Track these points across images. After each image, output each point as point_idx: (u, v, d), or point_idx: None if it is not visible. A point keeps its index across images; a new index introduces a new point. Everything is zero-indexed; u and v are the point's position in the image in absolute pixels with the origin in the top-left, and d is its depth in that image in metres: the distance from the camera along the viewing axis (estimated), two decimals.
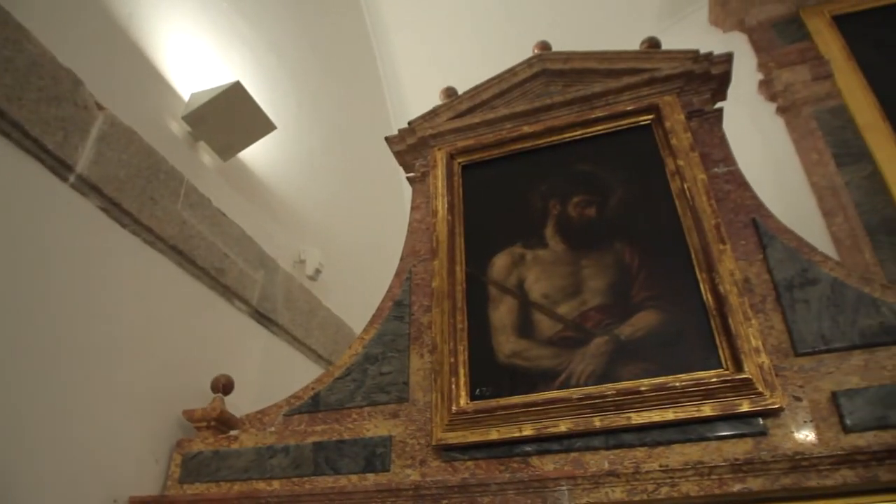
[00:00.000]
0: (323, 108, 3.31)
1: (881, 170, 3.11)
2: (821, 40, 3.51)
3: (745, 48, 3.75)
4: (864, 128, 3.23)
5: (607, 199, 1.80)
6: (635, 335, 1.59)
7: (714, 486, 1.40)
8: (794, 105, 3.43)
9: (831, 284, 1.59)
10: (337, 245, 3.04)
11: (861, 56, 3.38)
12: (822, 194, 3.26)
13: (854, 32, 3.46)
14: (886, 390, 1.44)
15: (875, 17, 3.50)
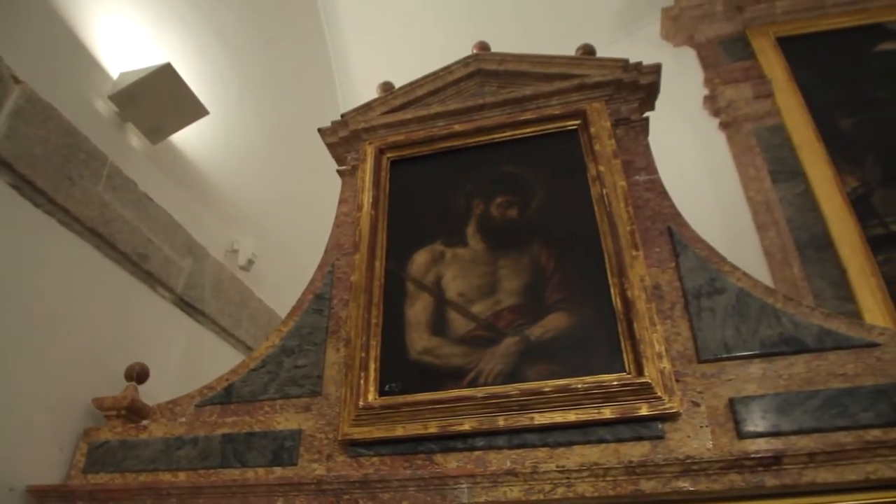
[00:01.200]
0: (268, 98, 3.26)
1: (813, 188, 3.22)
2: (764, 60, 3.61)
3: (694, 63, 3.84)
4: (800, 147, 3.34)
5: (529, 201, 1.81)
6: (545, 336, 1.60)
7: (608, 487, 1.41)
8: (736, 121, 3.52)
9: (737, 294, 1.63)
10: (273, 236, 2.99)
11: (801, 77, 3.49)
12: (757, 209, 3.34)
13: (796, 54, 3.57)
14: (781, 398, 1.48)
15: (817, 41, 3.62)
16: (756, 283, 1.63)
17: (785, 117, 3.43)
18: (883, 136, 3.28)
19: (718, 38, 3.77)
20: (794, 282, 3.09)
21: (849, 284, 2.95)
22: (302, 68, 3.77)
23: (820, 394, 1.47)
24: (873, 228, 3.05)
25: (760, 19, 3.71)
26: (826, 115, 3.38)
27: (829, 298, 2.99)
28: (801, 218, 3.21)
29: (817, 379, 1.49)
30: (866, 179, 3.21)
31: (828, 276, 3.03)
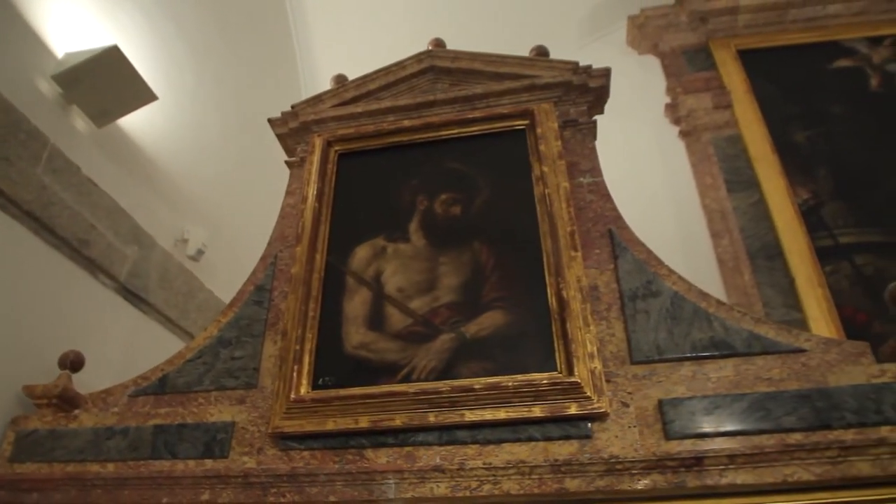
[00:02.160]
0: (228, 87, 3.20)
1: (766, 198, 3.28)
2: (725, 71, 3.67)
3: (658, 71, 3.89)
4: (755, 158, 3.40)
5: (473, 199, 1.81)
6: (480, 334, 1.60)
7: (534, 485, 1.42)
8: (696, 130, 3.57)
9: (671, 298, 1.65)
10: (226, 227, 2.95)
11: (759, 90, 3.56)
12: (711, 216, 3.40)
13: (756, 67, 3.64)
14: (708, 401, 1.50)
15: (776, 55, 3.69)
16: (690, 287, 1.66)
17: (742, 128, 3.49)
18: (835, 150, 3.37)
19: (682, 47, 3.82)
20: (744, 289, 3.15)
21: (796, 293, 3.01)
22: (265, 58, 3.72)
23: (746, 397, 1.49)
24: (822, 240, 3.12)
25: (723, 31, 3.78)
26: (782, 127, 3.45)
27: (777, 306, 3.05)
28: (753, 227, 3.26)
29: (744, 383, 1.52)
30: (817, 192, 3.28)
31: (777, 285, 3.09)
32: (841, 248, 3.16)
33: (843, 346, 1.56)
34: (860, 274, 3.04)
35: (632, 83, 3.92)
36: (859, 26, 3.69)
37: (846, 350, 1.55)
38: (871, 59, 3.61)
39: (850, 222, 3.19)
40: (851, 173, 3.28)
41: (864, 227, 3.16)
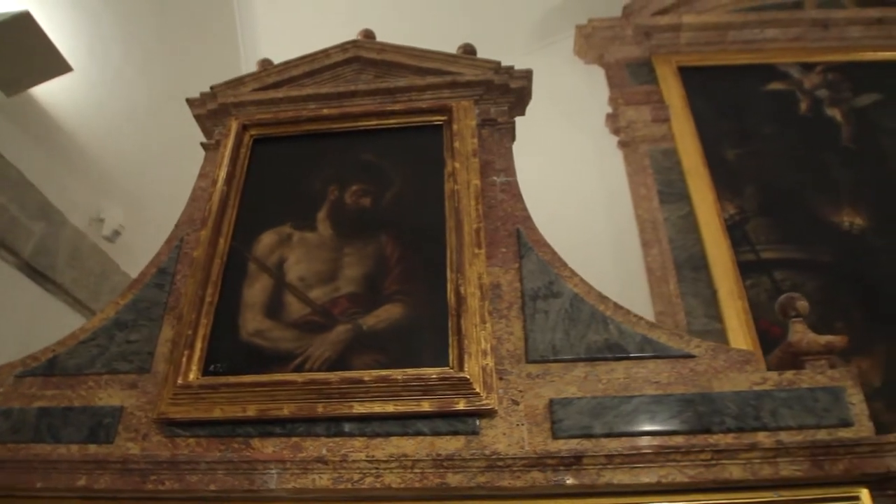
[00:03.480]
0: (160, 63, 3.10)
1: (695, 211, 3.35)
2: (665, 86, 3.75)
3: (602, 82, 3.95)
4: (688, 172, 3.47)
5: (385, 191, 1.80)
6: (377, 326, 1.59)
7: (416, 479, 1.41)
8: (634, 141, 3.64)
9: (571, 299, 1.67)
10: (146, 208, 2.85)
11: (696, 106, 3.64)
12: (644, 226, 3.46)
13: (694, 84, 3.73)
14: (597, 402, 1.52)
15: (714, 73, 3.79)
16: (590, 290, 1.68)
17: (678, 142, 3.57)
18: (763, 169, 3.47)
19: (626, 60, 3.89)
20: (669, 298, 3.22)
21: (718, 305, 3.09)
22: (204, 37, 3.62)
23: (633, 400, 1.52)
24: (745, 254, 3.21)
25: (666, 47, 3.86)
26: (715, 144, 3.54)
27: (699, 316, 3.13)
28: (681, 238, 3.33)
29: (633, 385, 1.54)
30: (744, 208, 3.38)
31: (700, 295, 3.16)
32: (762, 262, 3.26)
33: (730, 354, 1.61)
34: (778, 289, 3.14)
35: (576, 91, 3.98)
36: (794, 52, 3.82)
37: (733, 357, 1.60)
38: (802, 84, 3.74)
39: (772, 239, 3.29)
40: (776, 192, 3.39)
41: (784, 244, 3.27)
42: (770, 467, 1.38)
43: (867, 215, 3.31)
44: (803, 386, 1.52)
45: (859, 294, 3.09)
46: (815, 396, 1.51)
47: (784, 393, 1.51)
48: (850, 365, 2.95)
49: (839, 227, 3.29)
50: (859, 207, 3.34)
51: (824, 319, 3.06)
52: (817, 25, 3.80)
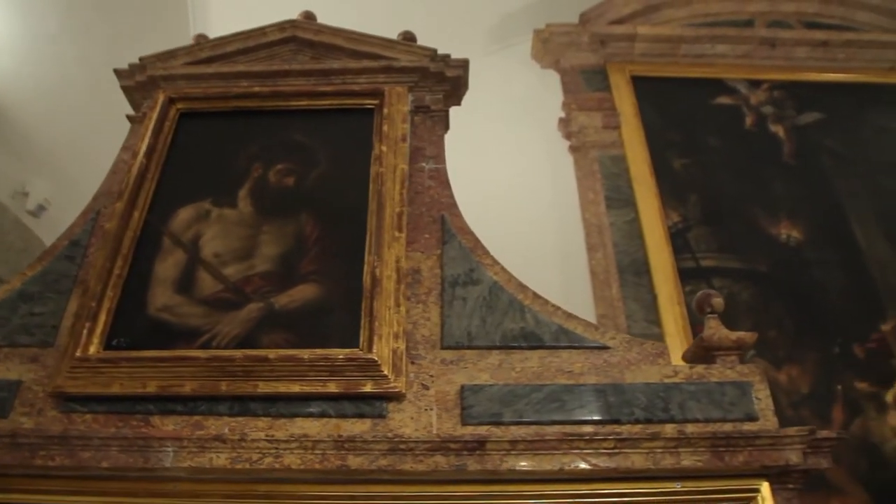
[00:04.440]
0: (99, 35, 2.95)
1: (640, 217, 3.39)
2: (618, 94, 3.80)
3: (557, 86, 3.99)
4: (635, 178, 3.52)
5: (310, 171, 1.78)
6: (290, 306, 1.56)
7: (316, 460, 1.38)
8: (584, 146, 3.67)
9: (490, 287, 1.66)
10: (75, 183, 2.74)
11: (646, 116, 3.70)
12: (590, 230, 3.49)
13: (646, 94, 3.79)
14: (508, 389, 1.51)
15: (665, 85, 3.87)
16: (511, 279, 1.67)
17: (627, 149, 3.61)
18: (707, 179, 3.55)
19: (581, 66, 3.93)
20: (611, 301, 3.24)
21: (657, 309, 3.12)
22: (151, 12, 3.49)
23: (545, 388, 1.51)
24: (685, 261, 3.26)
25: (620, 56, 3.92)
26: (662, 153, 3.60)
27: (639, 320, 3.16)
28: (626, 243, 3.37)
29: (546, 374, 1.54)
30: (687, 216, 3.44)
31: (641, 300, 3.20)
32: (702, 270, 3.32)
33: (644, 347, 1.62)
34: None
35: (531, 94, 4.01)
36: (742, 68, 3.92)
37: (647, 350, 1.61)
38: (748, 100, 3.84)
39: (712, 247, 3.35)
40: (718, 202, 3.46)
41: (723, 253, 3.34)
42: (672, 457, 1.39)
43: (803, 229, 3.40)
44: (712, 380, 1.54)
45: (792, 304, 3.17)
46: (723, 390, 1.52)
47: (693, 386, 1.53)
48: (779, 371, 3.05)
49: (777, 239, 3.38)
50: (796, 221, 3.43)
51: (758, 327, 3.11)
52: (766, 44, 3.91)
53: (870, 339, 3.07)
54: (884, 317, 3.13)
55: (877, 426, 2.87)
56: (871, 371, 2.99)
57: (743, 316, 3.19)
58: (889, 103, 3.84)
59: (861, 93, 3.85)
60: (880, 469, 2.77)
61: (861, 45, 3.89)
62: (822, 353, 3.04)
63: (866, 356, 3.04)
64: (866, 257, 3.34)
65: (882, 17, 4.05)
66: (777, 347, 3.08)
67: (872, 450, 2.80)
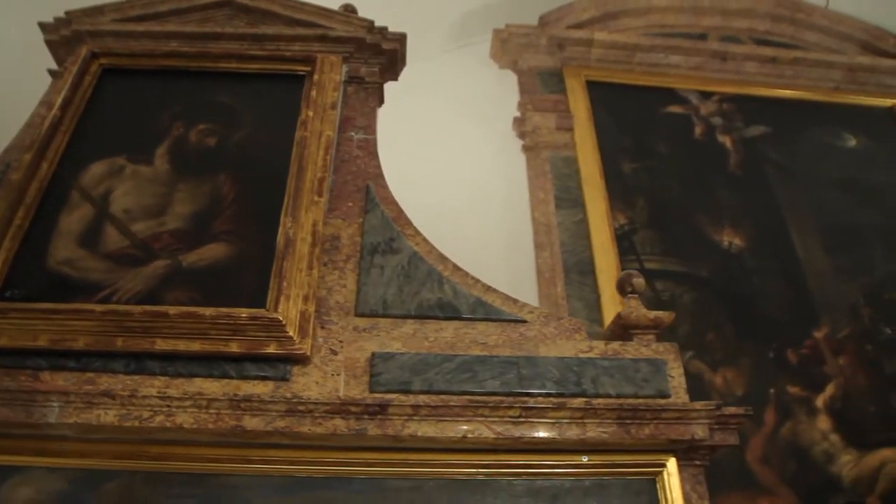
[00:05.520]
0: None
1: (588, 218, 3.41)
2: (573, 98, 3.84)
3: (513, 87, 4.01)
4: (585, 180, 3.54)
5: (233, 133, 1.74)
6: (198, 264, 1.51)
7: (210, 420, 1.32)
8: (537, 146, 3.69)
9: (410, 257, 1.63)
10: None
11: (599, 120, 3.74)
12: (538, 229, 3.49)
13: (600, 99, 3.83)
14: (420, 358, 1.48)
15: (619, 91, 3.92)
16: (432, 250, 1.65)
17: (578, 151, 3.64)
18: (654, 184, 3.59)
19: (538, 68, 3.96)
20: (556, 300, 3.24)
21: (600, 309, 3.13)
22: None
23: (457, 358, 1.49)
24: (630, 263, 3.28)
25: (577, 60, 3.96)
26: (613, 156, 3.63)
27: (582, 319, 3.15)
28: (572, 243, 3.38)
29: (460, 345, 1.51)
30: (633, 219, 3.47)
31: (585, 299, 3.20)
32: (645, 272, 3.33)
33: (561, 322, 1.61)
34: (658, 298, 3.22)
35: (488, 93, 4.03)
36: (694, 80, 4.00)
37: (564, 325, 1.60)
38: (699, 110, 3.92)
39: (656, 250, 3.39)
40: (665, 207, 3.50)
41: (667, 257, 3.37)
42: (578, 428, 1.37)
43: (745, 237, 3.46)
44: (627, 356, 1.54)
45: (731, 309, 3.21)
46: (637, 367, 1.52)
47: (607, 362, 1.52)
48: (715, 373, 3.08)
49: (719, 245, 3.43)
50: (739, 229, 3.49)
51: (697, 330, 3.16)
52: (717, 57, 4.00)
53: (803, 346, 3.13)
54: (817, 325, 3.20)
55: (806, 430, 2.91)
56: (803, 376, 3.04)
57: (683, 318, 3.22)
58: (832, 121, 3.96)
59: (806, 110, 3.96)
60: (808, 471, 2.80)
61: (808, 63, 4.01)
62: (758, 358, 3.08)
63: (799, 362, 3.09)
64: (804, 267, 3.42)
65: (829, 38, 4.20)
66: (714, 350, 3.11)
67: (801, 452, 2.84)
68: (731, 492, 2.70)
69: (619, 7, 4.14)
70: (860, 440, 2.86)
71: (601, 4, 4.10)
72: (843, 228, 3.51)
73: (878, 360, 3.12)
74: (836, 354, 3.14)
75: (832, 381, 3.04)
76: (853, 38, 4.14)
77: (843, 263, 3.41)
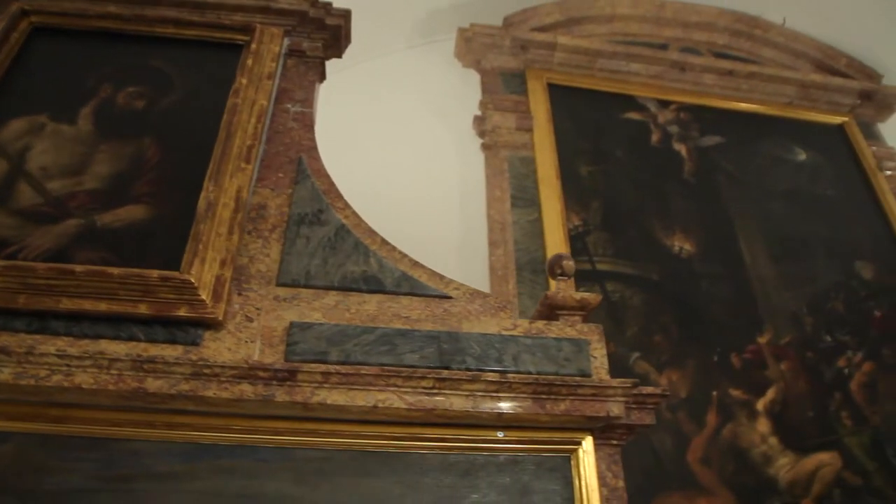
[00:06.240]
0: None
1: (543, 218, 3.43)
2: (534, 99, 3.87)
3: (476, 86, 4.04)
4: (542, 180, 3.56)
5: (162, 98, 1.69)
6: (112, 224, 1.47)
7: (111, 380, 1.27)
8: (496, 145, 3.71)
9: (337, 229, 1.61)
10: None
11: (558, 122, 3.78)
12: (493, 227, 3.50)
13: (560, 102, 3.88)
14: (339, 329, 1.45)
15: (580, 95, 3.97)
16: (360, 223, 1.63)
17: (537, 152, 3.66)
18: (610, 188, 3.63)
19: (501, 68, 3.99)
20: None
21: None
22: None
23: (377, 331, 1.46)
24: (582, 263, 3.30)
25: (539, 63, 4.00)
26: (570, 158, 3.67)
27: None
28: (526, 242, 3.39)
29: (382, 318, 1.49)
30: (588, 221, 3.50)
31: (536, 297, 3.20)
32: (597, 273, 3.37)
33: (487, 300, 1.60)
34: (608, 299, 3.25)
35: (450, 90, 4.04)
36: (653, 88, 4.07)
37: (490, 303, 1.59)
38: (656, 118, 3.99)
39: (608, 252, 3.42)
40: (618, 210, 3.54)
41: (619, 259, 3.41)
42: (492, 401, 1.36)
43: (695, 243, 3.52)
44: (550, 336, 1.53)
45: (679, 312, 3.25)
46: (560, 346, 1.51)
47: (530, 340, 1.51)
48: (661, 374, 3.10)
49: (670, 250, 3.48)
50: (690, 235, 3.55)
51: (645, 331, 3.19)
52: (676, 67, 4.08)
53: (746, 350, 3.18)
54: (761, 330, 3.25)
55: (746, 432, 2.95)
56: (746, 380, 3.09)
57: (631, 319, 3.25)
58: (784, 135, 4.07)
59: (759, 122, 4.06)
60: (746, 473, 2.84)
61: (763, 78, 4.11)
62: (702, 360, 3.12)
63: (742, 366, 3.14)
64: (750, 274, 3.48)
65: (785, 55, 4.32)
66: (661, 352, 3.14)
67: (740, 454, 2.88)
68: (672, 492, 2.72)
69: (584, 13, 4.20)
70: (798, 444, 2.91)
71: (566, 9, 4.16)
72: (789, 238, 3.59)
73: (818, 367, 3.19)
74: (778, 360, 3.20)
75: (773, 386, 3.09)
76: (807, 56, 4.27)
77: (787, 272, 3.48)
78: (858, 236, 3.68)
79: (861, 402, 3.18)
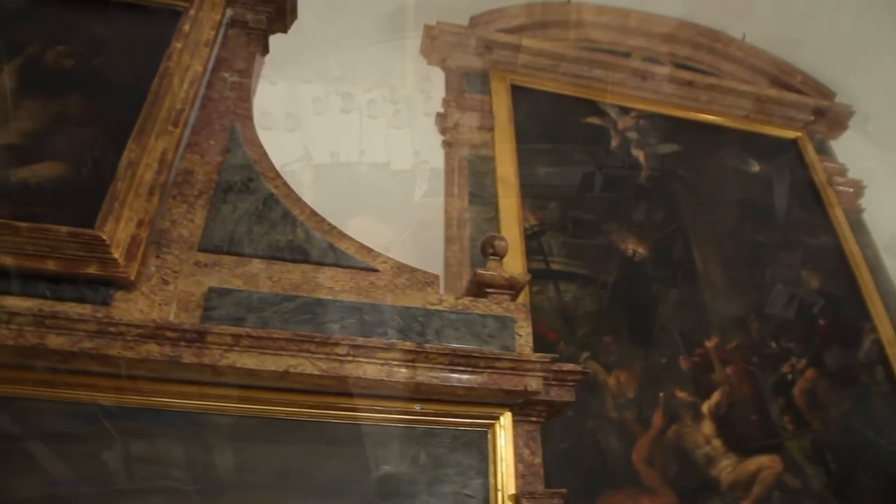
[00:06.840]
0: None
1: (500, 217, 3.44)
2: (496, 99, 3.89)
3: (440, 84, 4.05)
4: (500, 180, 3.57)
5: (93, 57, 1.66)
6: (29, 180, 1.43)
7: (10, 336, 1.23)
8: (457, 143, 3.71)
9: (266, 198, 1.59)
10: None
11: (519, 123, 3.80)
12: (450, 223, 3.50)
13: (523, 103, 3.90)
14: (259, 297, 1.43)
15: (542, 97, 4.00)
16: (290, 194, 1.61)
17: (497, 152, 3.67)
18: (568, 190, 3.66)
19: (465, 68, 4.01)
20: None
21: None
22: None
23: (298, 299, 1.44)
24: (537, 262, 3.32)
25: (503, 64, 4.03)
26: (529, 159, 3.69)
27: None
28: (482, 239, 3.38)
29: (305, 287, 1.47)
30: (544, 221, 3.52)
31: None
32: (551, 273, 3.38)
33: (414, 274, 1.59)
34: (561, 298, 3.26)
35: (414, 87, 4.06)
36: (614, 94, 4.12)
37: (417, 278, 1.58)
38: (616, 124, 4.04)
39: (563, 253, 3.43)
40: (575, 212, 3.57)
41: (573, 260, 3.42)
42: (407, 370, 1.34)
43: (648, 247, 3.56)
44: (476, 312, 1.53)
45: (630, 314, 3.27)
46: (485, 323, 1.51)
47: (455, 315, 1.50)
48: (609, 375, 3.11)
49: (623, 253, 3.50)
50: (644, 239, 3.58)
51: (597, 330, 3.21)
52: (638, 76, 4.14)
53: (694, 354, 3.21)
54: (709, 334, 3.29)
55: (691, 433, 2.97)
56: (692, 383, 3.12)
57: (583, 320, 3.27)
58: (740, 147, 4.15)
59: (716, 133, 4.14)
60: (689, 473, 2.85)
61: (722, 90, 4.20)
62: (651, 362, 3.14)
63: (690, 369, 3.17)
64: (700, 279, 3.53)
65: (743, 69, 4.42)
66: (610, 353, 3.15)
67: (684, 455, 2.89)
68: (617, 490, 2.72)
69: (550, 18, 4.25)
70: (740, 446, 2.94)
71: (532, 13, 4.20)
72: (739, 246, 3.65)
73: (763, 372, 3.23)
74: (724, 364, 3.24)
75: (718, 389, 3.12)
76: (765, 72, 4.37)
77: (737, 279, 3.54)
78: (807, 247, 3.77)
79: (803, 408, 3.23)
